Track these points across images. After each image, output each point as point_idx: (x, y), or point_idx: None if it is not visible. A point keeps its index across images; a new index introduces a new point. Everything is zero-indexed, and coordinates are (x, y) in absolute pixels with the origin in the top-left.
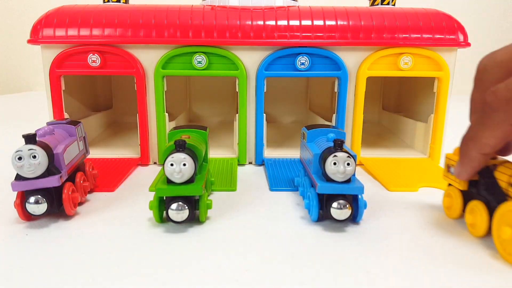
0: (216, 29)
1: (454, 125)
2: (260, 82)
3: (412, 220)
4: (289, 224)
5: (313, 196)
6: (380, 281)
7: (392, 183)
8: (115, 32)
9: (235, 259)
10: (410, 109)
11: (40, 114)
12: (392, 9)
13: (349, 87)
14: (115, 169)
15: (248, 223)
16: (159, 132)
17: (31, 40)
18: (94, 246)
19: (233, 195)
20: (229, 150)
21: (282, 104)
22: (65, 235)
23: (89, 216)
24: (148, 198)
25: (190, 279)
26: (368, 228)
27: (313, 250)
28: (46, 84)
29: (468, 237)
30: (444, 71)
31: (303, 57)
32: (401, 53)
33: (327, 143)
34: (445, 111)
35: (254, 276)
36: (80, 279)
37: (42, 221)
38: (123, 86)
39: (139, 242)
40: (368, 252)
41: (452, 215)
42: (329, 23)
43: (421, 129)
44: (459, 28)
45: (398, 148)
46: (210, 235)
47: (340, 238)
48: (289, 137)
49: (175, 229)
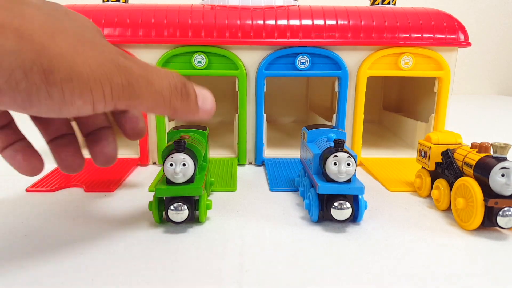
0: (216, 29)
1: (455, 125)
2: (260, 82)
3: (413, 221)
4: (289, 224)
5: (313, 197)
6: (380, 282)
7: (393, 183)
8: (115, 32)
9: (235, 259)
10: (410, 109)
11: None
12: (392, 9)
13: (350, 87)
14: (114, 169)
15: (248, 223)
16: (159, 132)
17: None
18: (94, 246)
19: (233, 195)
20: (229, 150)
21: (282, 104)
22: (64, 235)
23: (89, 216)
24: (147, 198)
25: (189, 279)
26: (369, 228)
27: (313, 250)
28: None
29: (465, 235)
30: (444, 70)
31: (303, 56)
32: (401, 52)
33: (328, 143)
34: (446, 111)
35: (254, 277)
36: (79, 279)
37: (41, 221)
38: None
39: (138, 242)
40: (368, 253)
41: (422, 194)
42: (329, 22)
43: (422, 129)
44: (459, 28)
45: (399, 148)
46: (210, 236)
47: (340, 238)
48: (289, 137)
49: (174, 230)
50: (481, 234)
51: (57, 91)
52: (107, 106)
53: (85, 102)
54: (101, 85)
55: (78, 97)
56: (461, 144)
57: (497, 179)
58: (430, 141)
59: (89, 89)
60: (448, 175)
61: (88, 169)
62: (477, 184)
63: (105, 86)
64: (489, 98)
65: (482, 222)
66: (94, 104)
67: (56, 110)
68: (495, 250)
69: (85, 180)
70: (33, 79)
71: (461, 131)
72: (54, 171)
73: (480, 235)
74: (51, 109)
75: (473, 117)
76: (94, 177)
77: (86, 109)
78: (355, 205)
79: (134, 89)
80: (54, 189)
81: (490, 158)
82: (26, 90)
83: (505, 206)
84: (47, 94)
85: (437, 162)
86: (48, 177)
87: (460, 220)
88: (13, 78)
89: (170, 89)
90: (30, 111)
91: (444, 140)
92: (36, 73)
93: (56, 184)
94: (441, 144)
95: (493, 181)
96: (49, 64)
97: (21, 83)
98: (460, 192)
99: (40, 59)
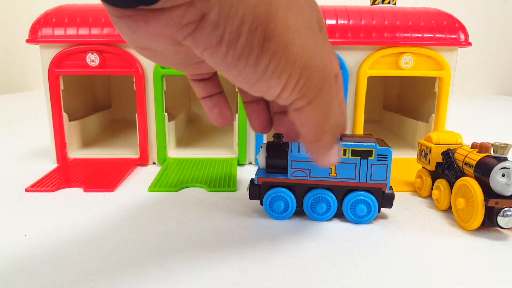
0: None
1: (455, 125)
2: None
3: (413, 221)
4: (289, 224)
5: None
6: (381, 282)
7: (393, 183)
8: (114, 31)
9: (235, 260)
10: (411, 109)
11: (40, 114)
12: (393, 8)
13: (350, 86)
14: (114, 169)
15: (247, 223)
16: (158, 132)
17: (30, 39)
18: (93, 246)
19: (233, 195)
20: (229, 150)
21: None
22: (64, 235)
23: (88, 216)
24: (147, 198)
25: (189, 279)
26: (369, 228)
27: (313, 250)
28: (45, 83)
29: (465, 235)
30: (445, 70)
31: None
32: (402, 52)
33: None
34: (446, 111)
35: (254, 277)
36: (79, 279)
37: (41, 222)
38: (122, 85)
39: (138, 242)
40: (368, 254)
41: (422, 194)
42: (329, 22)
43: (422, 129)
44: (460, 28)
45: (399, 148)
46: (209, 236)
47: (340, 239)
48: None
49: (174, 230)
50: (482, 234)
51: (264, 61)
52: (289, 98)
53: (278, 84)
54: (300, 74)
55: (277, 76)
56: (461, 144)
57: (497, 179)
58: (430, 141)
59: (288, 72)
60: (449, 175)
61: (88, 169)
62: (478, 184)
63: (301, 77)
64: (489, 98)
65: (482, 222)
66: (282, 89)
67: (250, 82)
68: (495, 250)
69: (85, 180)
70: (252, 39)
71: (462, 131)
72: (54, 171)
73: (481, 235)
74: (247, 79)
75: (473, 117)
76: (94, 177)
77: (272, 92)
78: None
79: (318, 102)
80: (53, 189)
81: (491, 158)
82: (241, 48)
83: (506, 206)
84: (255, 61)
85: (437, 162)
86: (47, 177)
87: (461, 220)
88: (239, 30)
89: (333, 127)
90: (229, 74)
91: (444, 140)
92: (258, 35)
93: (55, 184)
94: (441, 144)
95: (494, 181)
96: (272, 32)
97: (241, 38)
98: (461, 192)
99: (268, 22)
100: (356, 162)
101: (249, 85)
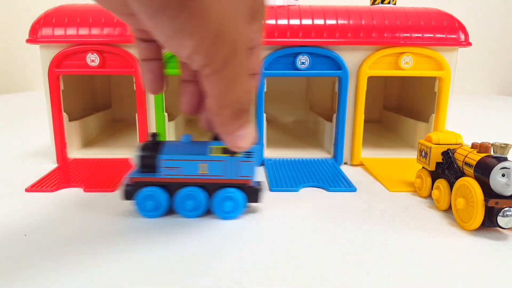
0: None
1: (455, 125)
2: (260, 82)
3: (413, 221)
4: (288, 224)
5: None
6: (381, 282)
7: (393, 184)
8: (114, 31)
9: (235, 260)
10: (411, 109)
11: (40, 114)
12: (392, 8)
13: (350, 86)
14: (114, 169)
15: (247, 223)
16: (158, 132)
17: (30, 39)
18: (93, 246)
19: None
20: None
21: (282, 104)
22: (64, 235)
23: (89, 216)
24: None
25: (189, 279)
26: (369, 228)
27: (313, 250)
28: (45, 83)
29: (464, 234)
30: (445, 70)
31: (303, 56)
32: (402, 52)
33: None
34: (446, 111)
35: (254, 277)
36: (79, 279)
37: (41, 221)
38: (122, 85)
39: (138, 242)
40: (368, 254)
41: (422, 194)
42: (329, 22)
43: (422, 129)
44: (460, 28)
45: (399, 148)
46: (209, 236)
47: (340, 239)
48: (289, 137)
49: (174, 230)
50: (482, 234)
51: (183, 17)
52: (197, 62)
53: (189, 44)
54: (212, 40)
55: (189, 35)
56: (461, 144)
57: (497, 179)
58: (430, 141)
59: (200, 34)
60: (449, 175)
61: (88, 169)
62: (478, 184)
63: (213, 44)
64: (489, 98)
65: (482, 222)
66: (193, 51)
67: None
68: (495, 250)
69: (85, 180)
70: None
71: (462, 131)
72: (54, 171)
73: (481, 235)
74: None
75: (473, 117)
76: (94, 177)
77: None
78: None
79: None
80: (53, 189)
81: (491, 158)
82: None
83: (506, 206)
84: (174, 14)
85: (437, 162)
86: (47, 177)
87: (461, 220)
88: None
89: (235, 104)
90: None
91: (444, 140)
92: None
93: (55, 184)
94: (441, 144)
95: (494, 181)
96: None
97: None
98: (461, 192)
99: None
100: (227, 159)
101: (164, 38)
